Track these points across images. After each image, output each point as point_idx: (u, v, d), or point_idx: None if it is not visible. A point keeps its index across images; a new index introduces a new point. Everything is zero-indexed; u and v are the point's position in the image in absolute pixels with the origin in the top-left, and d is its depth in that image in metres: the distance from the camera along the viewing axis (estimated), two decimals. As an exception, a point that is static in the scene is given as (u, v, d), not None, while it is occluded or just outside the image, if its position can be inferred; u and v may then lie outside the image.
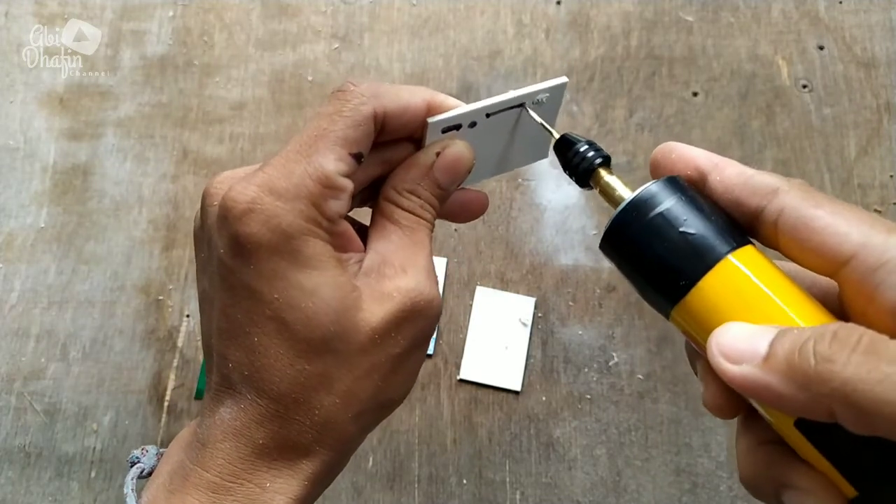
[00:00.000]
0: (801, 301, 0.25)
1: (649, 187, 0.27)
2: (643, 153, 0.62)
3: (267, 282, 0.27)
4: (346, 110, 0.28)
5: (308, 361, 0.27)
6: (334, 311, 0.27)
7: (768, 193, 0.26)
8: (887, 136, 0.62)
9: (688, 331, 0.27)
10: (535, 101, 0.33)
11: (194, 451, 0.28)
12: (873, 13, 0.66)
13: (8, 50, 0.66)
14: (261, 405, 0.27)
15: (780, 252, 0.26)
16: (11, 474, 0.55)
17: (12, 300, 0.59)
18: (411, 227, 0.30)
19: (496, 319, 0.57)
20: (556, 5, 0.67)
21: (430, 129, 0.31)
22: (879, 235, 0.24)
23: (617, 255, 0.28)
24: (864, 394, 0.20)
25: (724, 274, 0.25)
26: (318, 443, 0.28)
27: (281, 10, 0.67)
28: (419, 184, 0.31)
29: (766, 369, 0.22)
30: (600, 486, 0.54)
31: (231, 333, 0.28)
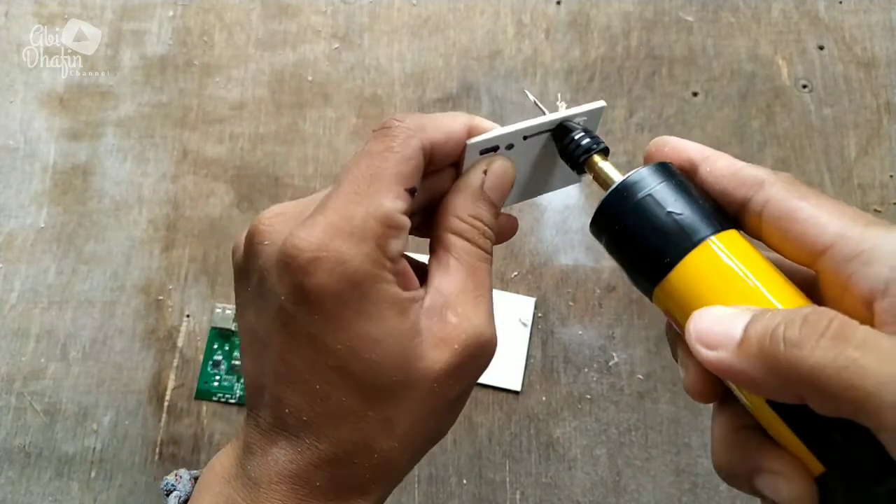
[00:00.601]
0: (779, 285, 0.26)
1: (640, 170, 0.28)
2: (643, 153, 0.62)
3: (331, 332, 0.26)
4: (397, 146, 0.28)
5: (370, 409, 0.27)
6: (397, 360, 0.27)
7: (755, 185, 0.27)
8: (887, 136, 0.62)
9: (669, 311, 0.28)
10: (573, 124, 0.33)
11: (245, 490, 0.28)
12: (873, 13, 0.66)
13: (8, 50, 0.66)
14: (320, 450, 0.27)
15: (764, 242, 0.27)
16: (11, 474, 0.55)
17: (12, 300, 0.59)
18: (473, 265, 0.30)
19: (496, 319, 0.57)
20: (556, 5, 0.67)
21: (469, 150, 0.30)
22: (857, 227, 0.24)
23: (605, 234, 0.29)
24: (829, 379, 0.20)
25: (706, 254, 0.26)
26: (374, 482, 0.28)
27: (281, 10, 0.67)
28: (478, 206, 0.30)
29: (740, 354, 0.22)
30: (600, 486, 0.54)
31: (289, 379, 0.27)
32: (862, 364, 0.20)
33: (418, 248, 0.41)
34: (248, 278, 0.29)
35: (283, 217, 0.28)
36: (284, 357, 0.27)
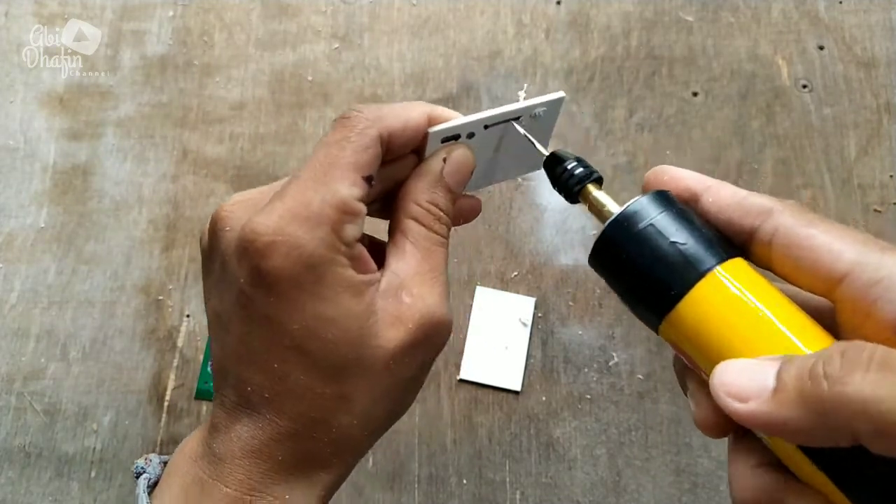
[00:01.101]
0: (791, 314, 0.25)
1: (639, 200, 0.27)
2: (643, 153, 0.62)
3: (287, 313, 0.27)
4: (354, 136, 0.29)
5: (327, 386, 0.28)
6: (353, 339, 0.28)
7: (762, 213, 0.26)
8: (887, 136, 0.62)
9: (678, 344, 0.27)
10: (532, 114, 0.33)
11: (211, 466, 0.29)
12: (873, 13, 0.66)
13: (8, 50, 0.66)
14: (280, 425, 0.28)
15: (774, 272, 0.27)
16: (11, 474, 0.55)
17: (12, 300, 0.59)
18: (429, 249, 0.31)
19: (496, 319, 0.57)
20: (556, 5, 0.67)
21: (431, 139, 0.31)
22: (874, 253, 0.24)
23: (606, 268, 0.29)
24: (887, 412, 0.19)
25: (713, 284, 0.25)
26: (335, 456, 0.29)
27: (281, 10, 0.67)
28: (435, 192, 0.31)
29: (778, 402, 0.21)
30: (600, 486, 0.54)
31: (249, 359, 0.28)
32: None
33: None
34: (212, 263, 0.30)
35: (244, 204, 0.29)
36: (244, 338, 0.28)
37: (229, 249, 0.28)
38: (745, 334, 0.25)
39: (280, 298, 0.27)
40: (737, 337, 0.25)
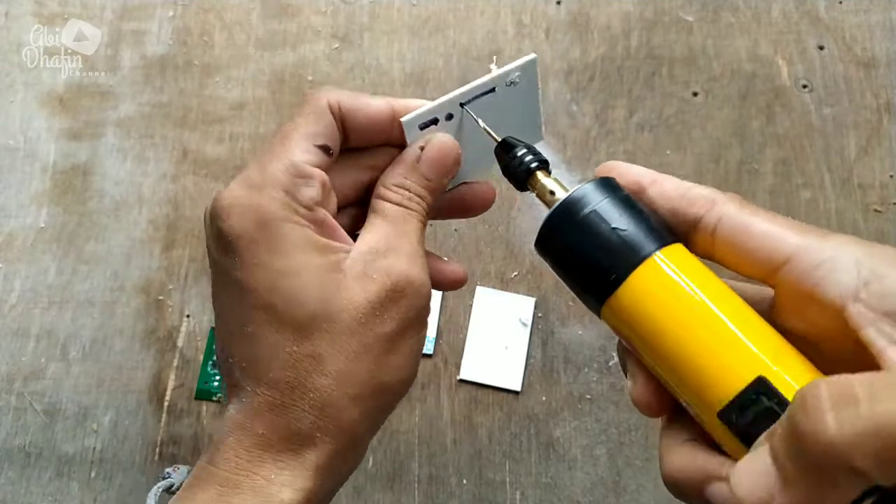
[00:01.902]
0: (727, 298, 0.26)
1: (584, 186, 0.28)
2: (643, 153, 0.62)
3: (249, 271, 0.28)
4: (305, 109, 0.31)
5: (297, 343, 0.28)
6: (316, 291, 0.28)
7: (706, 203, 0.27)
8: (887, 136, 0.62)
9: (618, 328, 0.28)
10: (507, 83, 0.33)
11: (208, 451, 0.29)
12: (873, 13, 0.66)
13: (8, 50, 0.66)
14: (258, 394, 0.28)
15: (716, 261, 0.27)
16: (11, 474, 0.55)
17: (12, 300, 0.59)
18: (398, 219, 0.31)
19: (496, 319, 0.57)
20: (556, 5, 0.67)
21: (407, 128, 0.32)
22: (816, 238, 0.25)
23: (551, 253, 0.29)
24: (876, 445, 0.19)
25: (652, 270, 0.26)
26: (318, 430, 0.29)
27: (281, 10, 0.67)
28: (406, 177, 0.32)
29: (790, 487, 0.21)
30: (600, 486, 0.54)
31: (230, 331, 0.29)
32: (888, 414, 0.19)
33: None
34: (208, 254, 0.31)
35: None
36: (224, 311, 0.30)
37: (206, 227, 0.31)
38: (681, 319, 0.25)
39: (241, 257, 0.28)
40: (673, 321, 0.25)
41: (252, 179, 0.29)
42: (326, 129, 0.30)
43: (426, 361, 0.57)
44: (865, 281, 0.23)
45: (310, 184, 0.29)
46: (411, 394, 0.56)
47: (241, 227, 0.28)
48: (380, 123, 0.32)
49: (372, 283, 0.29)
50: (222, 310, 0.30)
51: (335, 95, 0.31)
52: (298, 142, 0.30)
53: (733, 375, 0.24)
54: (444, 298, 0.58)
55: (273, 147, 0.30)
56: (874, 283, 0.23)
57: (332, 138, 0.31)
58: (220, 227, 0.29)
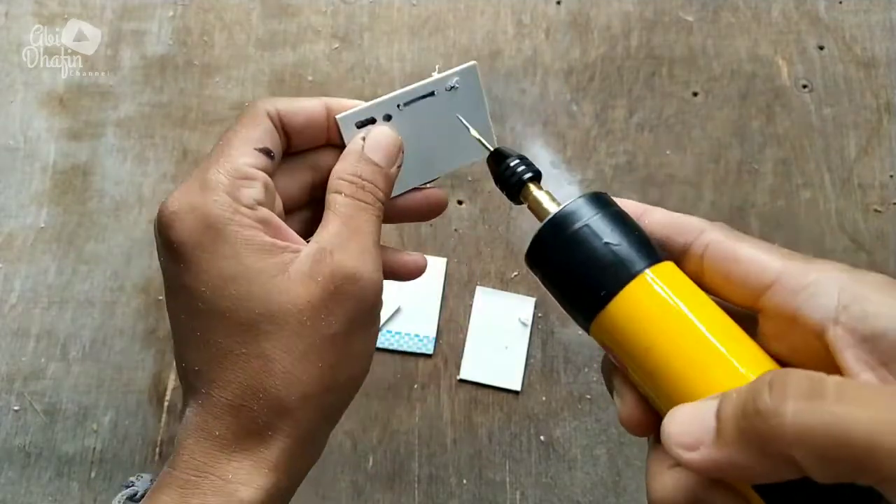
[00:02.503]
0: (715, 317, 0.25)
1: (576, 200, 0.28)
2: (643, 153, 0.62)
3: (194, 276, 0.29)
4: (245, 118, 0.31)
5: (245, 345, 0.29)
6: (259, 294, 0.28)
7: (694, 231, 0.28)
8: (887, 136, 0.62)
9: (608, 345, 0.27)
10: (447, 87, 0.33)
11: (171, 456, 0.29)
12: (873, 13, 0.66)
13: (8, 50, 0.66)
14: (213, 397, 0.29)
15: (705, 288, 0.27)
16: (11, 474, 0.55)
17: (12, 300, 0.59)
18: (350, 215, 0.31)
19: (496, 319, 0.57)
20: (556, 5, 0.67)
21: (343, 125, 0.32)
22: (798, 263, 0.25)
23: (541, 267, 0.29)
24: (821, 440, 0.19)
25: (642, 287, 0.26)
26: (271, 428, 0.29)
27: (281, 10, 0.67)
28: (356, 166, 0.32)
29: (722, 445, 0.21)
30: (600, 486, 0.54)
31: (184, 337, 0.30)
32: (847, 417, 0.19)
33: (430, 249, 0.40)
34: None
35: None
36: (173, 315, 0.30)
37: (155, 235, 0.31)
38: (671, 336, 0.25)
39: (186, 263, 0.29)
40: (663, 338, 0.25)
41: (195, 185, 0.29)
42: (264, 134, 0.31)
43: (426, 361, 0.57)
44: (845, 305, 0.23)
45: (251, 185, 0.30)
46: (411, 394, 0.56)
47: (187, 233, 0.29)
48: (318, 123, 0.33)
49: (314, 284, 0.29)
50: (174, 316, 0.30)
51: (271, 102, 0.32)
52: (238, 147, 0.30)
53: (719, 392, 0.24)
54: (443, 298, 0.58)
55: (214, 154, 0.30)
56: (853, 306, 0.23)
57: (272, 142, 0.31)
58: (167, 235, 0.29)
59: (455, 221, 0.60)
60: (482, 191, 0.61)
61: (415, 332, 0.57)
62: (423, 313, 0.57)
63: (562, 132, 0.62)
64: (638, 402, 0.27)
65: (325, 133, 0.33)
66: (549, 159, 0.62)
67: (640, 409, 0.27)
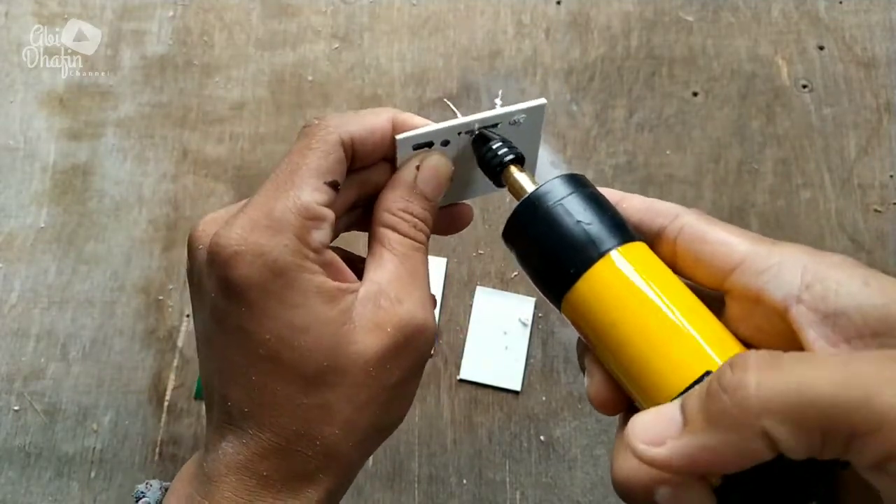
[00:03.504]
0: (682, 297, 0.26)
1: (552, 180, 0.28)
2: (643, 153, 0.62)
3: (258, 322, 0.27)
4: (315, 142, 0.29)
5: (306, 395, 0.28)
6: (328, 346, 0.28)
7: (669, 215, 0.28)
8: (887, 136, 0.62)
9: (577, 323, 0.28)
10: (511, 121, 0.32)
11: (202, 485, 0.29)
12: (873, 13, 0.66)
13: (8, 50, 0.66)
14: (262, 439, 0.28)
15: (678, 272, 0.28)
16: (11, 474, 0.55)
17: (12, 300, 0.59)
18: (406, 255, 0.30)
19: (496, 319, 0.57)
20: (556, 5, 0.67)
21: (400, 145, 0.31)
22: (765, 245, 0.26)
23: (517, 245, 0.29)
24: (789, 404, 0.19)
25: (610, 266, 0.26)
26: (321, 471, 0.29)
27: (281, 10, 0.67)
28: (409, 200, 0.31)
29: (691, 433, 0.21)
30: (600, 486, 0.54)
31: (229, 374, 0.28)
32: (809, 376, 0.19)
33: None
34: (192, 283, 0.30)
35: (215, 221, 0.29)
36: (221, 352, 0.29)
37: (202, 266, 0.29)
38: (635, 313, 0.26)
39: (249, 308, 0.27)
40: (628, 316, 0.26)
41: (259, 222, 0.27)
42: (336, 164, 0.29)
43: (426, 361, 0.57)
44: (808, 284, 0.24)
45: (321, 226, 0.28)
46: (411, 394, 0.56)
47: (254, 277, 0.27)
48: (383, 144, 0.31)
49: (384, 335, 0.28)
50: (221, 351, 0.29)
51: (344, 127, 0.30)
52: (308, 179, 0.28)
53: (683, 370, 0.24)
54: (443, 298, 0.58)
55: (280, 183, 0.28)
56: (816, 286, 0.24)
57: (340, 173, 0.30)
58: (227, 275, 0.27)
59: (455, 221, 0.60)
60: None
61: (415, 332, 0.57)
62: (423, 313, 0.57)
63: (562, 132, 0.62)
64: (606, 380, 0.28)
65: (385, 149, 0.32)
66: (549, 159, 0.62)
67: (608, 388, 0.28)
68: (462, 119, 0.32)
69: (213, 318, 0.29)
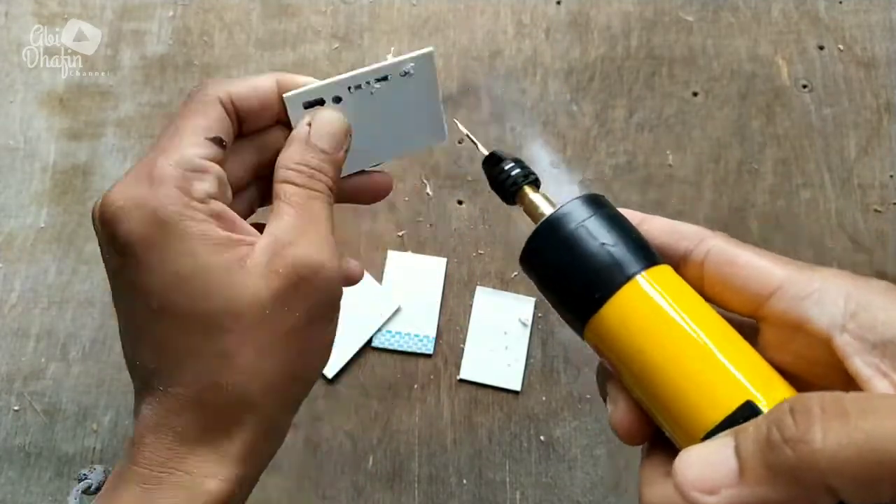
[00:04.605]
0: (712, 322, 0.25)
1: (572, 202, 0.27)
2: (643, 153, 0.62)
3: (147, 274, 0.28)
4: (193, 104, 0.30)
5: (205, 343, 0.28)
6: (219, 290, 0.28)
7: (695, 238, 0.27)
8: (887, 136, 0.62)
9: (601, 349, 0.27)
10: (401, 73, 0.32)
11: (129, 452, 0.29)
12: (873, 13, 0.66)
13: (8, 50, 0.66)
14: (171, 394, 0.28)
15: (704, 295, 0.27)
16: (11, 474, 0.55)
17: (12, 300, 0.59)
18: (303, 204, 0.30)
19: (496, 319, 0.57)
20: (556, 5, 0.67)
21: (290, 105, 0.31)
22: (803, 270, 0.25)
23: (536, 269, 0.28)
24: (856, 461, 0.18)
25: (636, 291, 0.25)
26: (234, 422, 0.29)
27: (281, 10, 0.67)
28: (303, 154, 0.31)
29: (749, 483, 0.20)
30: (600, 486, 0.54)
31: (134, 333, 0.29)
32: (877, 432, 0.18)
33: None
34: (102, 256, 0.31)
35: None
36: (122, 312, 0.29)
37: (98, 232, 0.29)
38: (666, 341, 0.25)
39: (137, 261, 0.27)
40: (658, 343, 0.25)
41: (142, 178, 0.28)
42: (216, 122, 0.30)
43: (426, 361, 0.57)
44: (853, 312, 0.23)
45: (204, 178, 0.29)
46: (411, 394, 0.56)
47: (137, 230, 0.27)
48: (271, 105, 0.32)
49: (276, 276, 0.28)
50: (124, 313, 0.29)
51: (222, 86, 0.30)
52: (189, 136, 0.29)
53: (719, 400, 0.23)
54: (443, 298, 0.58)
55: (162, 143, 0.29)
56: (861, 314, 0.23)
57: (224, 130, 0.30)
58: (112, 231, 0.28)
59: (455, 221, 0.60)
60: (482, 191, 0.61)
61: (415, 332, 0.57)
62: (422, 313, 0.57)
63: (562, 132, 0.62)
64: (631, 408, 0.27)
65: (276, 112, 0.32)
66: (549, 159, 0.62)
67: (633, 416, 0.27)
68: (348, 73, 0.32)
69: (111, 280, 0.29)
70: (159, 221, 0.27)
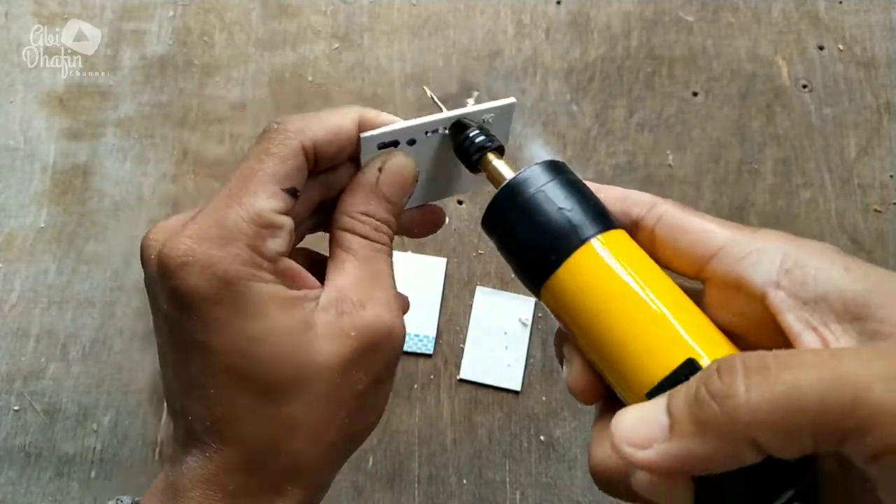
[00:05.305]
0: (662, 285, 0.26)
1: (532, 167, 0.28)
2: (643, 153, 0.62)
3: (213, 333, 0.26)
4: (273, 147, 0.28)
5: (268, 408, 0.27)
6: (288, 355, 0.26)
7: (647, 204, 0.28)
8: (887, 136, 0.62)
9: (556, 311, 0.28)
10: (481, 120, 0.32)
11: (168, 500, 0.28)
12: (873, 13, 0.66)
13: (8, 50, 0.66)
14: (226, 453, 0.27)
15: (656, 259, 0.28)
16: (11, 474, 0.55)
17: (12, 300, 0.59)
18: (368, 257, 0.29)
19: (496, 319, 0.57)
20: (556, 5, 0.67)
21: (365, 144, 0.30)
22: (744, 232, 0.26)
23: (496, 231, 0.29)
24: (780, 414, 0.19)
25: (590, 254, 0.26)
26: (289, 484, 0.28)
27: (281, 10, 0.67)
28: (370, 203, 0.30)
29: (677, 438, 0.20)
30: (600, 486, 0.54)
31: (188, 388, 0.27)
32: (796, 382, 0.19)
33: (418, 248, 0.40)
34: (149, 293, 0.29)
35: (166, 229, 0.28)
36: (178, 366, 0.28)
37: (153, 276, 0.28)
38: (615, 301, 0.26)
39: (201, 319, 0.26)
40: (608, 304, 0.26)
41: (209, 231, 0.26)
42: (295, 171, 0.28)
43: (426, 361, 0.57)
44: (788, 269, 0.24)
45: (277, 235, 0.27)
46: (411, 394, 0.56)
47: (203, 287, 0.26)
48: (349, 145, 0.30)
49: (347, 340, 0.27)
50: (176, 367, 0.28)
51: (308, 133, 0.28)
52: (264, 185, 0.27)
53: (663, 358, 0.24)
54: (443, 298, 0.58)
55: (234, 190, 0.27)
56: (796, 271, 0.24)
57: (299, 180, 0.28)
58: (175, 286, 0.26)
59: (455, 221, 0.60)
60: (482, 191, 0.61)
61: (415, 332, 0.57)
62: (423, 313, 0.57)
63: (562, 132, 0.62)
64: (585, 369, 0.28)
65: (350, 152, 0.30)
66: (549, 159, 0.62)
67: (587, 376, 0.28)
68: (429, 118, 0.31)
69: (167, 330, 0.28)
70: (228, 282, 0.26)
